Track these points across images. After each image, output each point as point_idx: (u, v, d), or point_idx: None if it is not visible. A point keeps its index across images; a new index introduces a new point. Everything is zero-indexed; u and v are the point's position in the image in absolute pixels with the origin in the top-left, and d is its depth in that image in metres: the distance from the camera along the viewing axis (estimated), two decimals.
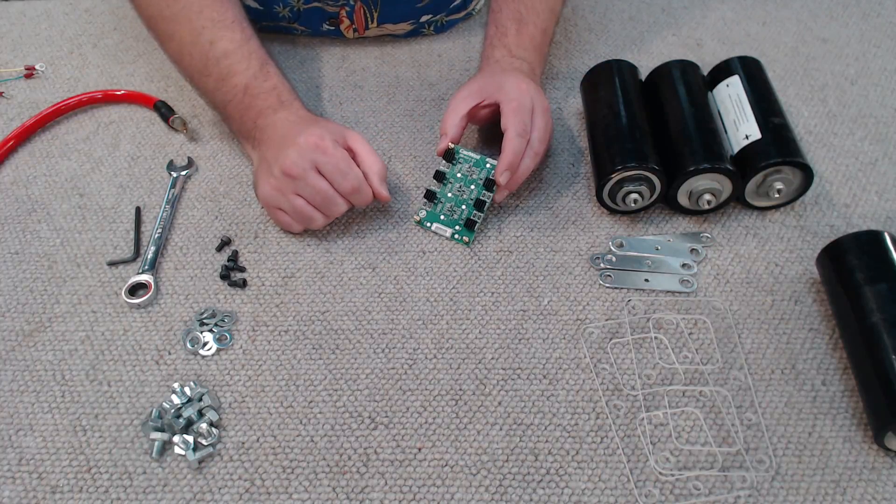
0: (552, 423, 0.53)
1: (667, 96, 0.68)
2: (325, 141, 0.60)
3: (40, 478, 0.51)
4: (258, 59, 0.67)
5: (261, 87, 0.66)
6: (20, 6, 0.89)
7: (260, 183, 0.63)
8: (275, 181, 0.61)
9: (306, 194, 0.60)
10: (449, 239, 0.65)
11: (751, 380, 0.55)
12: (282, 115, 0.65)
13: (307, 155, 0.59)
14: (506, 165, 0.62)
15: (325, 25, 0.81)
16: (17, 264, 0.63)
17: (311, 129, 0.61)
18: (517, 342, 0.58)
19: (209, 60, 0.66)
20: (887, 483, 0.50)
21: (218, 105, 0.68)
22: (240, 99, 0.66)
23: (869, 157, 0.71)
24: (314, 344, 0.58)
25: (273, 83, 0.66)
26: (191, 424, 0.53)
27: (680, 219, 0.66)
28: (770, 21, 0.86)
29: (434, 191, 0.66)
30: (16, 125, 0.74)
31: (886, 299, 0.53)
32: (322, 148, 0.60)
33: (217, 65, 0.66)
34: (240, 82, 0.66)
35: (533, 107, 0.64)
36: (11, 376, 0.56)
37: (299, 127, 0.62)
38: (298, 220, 0.62)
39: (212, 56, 0.66)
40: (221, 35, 0.66)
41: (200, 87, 0.69)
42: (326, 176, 0.60)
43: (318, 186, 0.60)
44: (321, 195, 0.60)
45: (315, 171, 0.60)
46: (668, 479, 0.50)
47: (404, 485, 0.50)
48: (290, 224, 0.63)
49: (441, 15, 0.82)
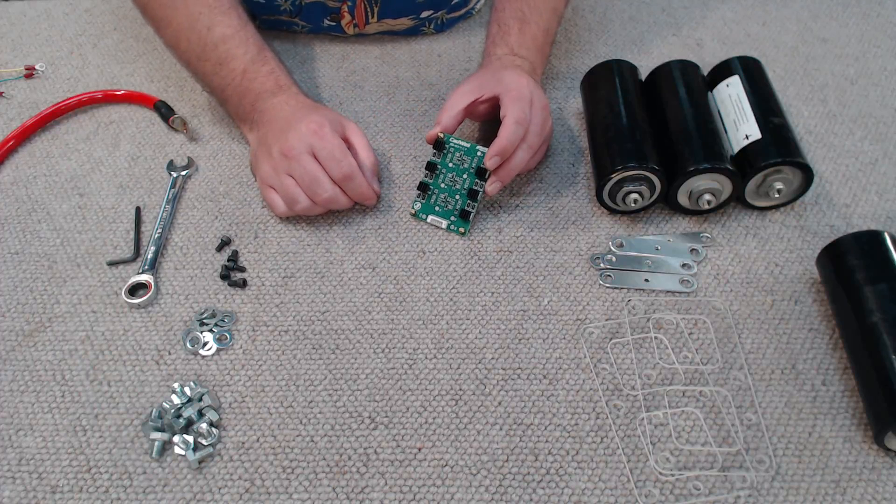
0: (552, 423, 0.53)
1: (667, 96, 0.68)
2: (324, 128, 0.62)
3: (40, 478, 0.51)
4: (255, 44, 0.68)
5: (259, 70, 0.67)
6: (20, 6, 0.89)
7: (259, 163, 0.65)
8: (273, 161, 0.63)
9: (297, 174, 0.62)
10: (445, 230, 0.65)
11: (751, 380, 0.55)
12: (280, 98, 0.66)
13: (305, 139, 0.61)
14: (496, 150, 0.61)
15: (326, 21, 0.81)
16: (17, 264, 0.63)
17: (312, 115, 0.63)
18: (517, 342, 0.58)
19: (207, 45, 0.67)
20: (887, 483, 0.50)
21: (215, 89, 0.69)
22: (238, 82, 0.67)
23: (869, 157, 0.71)
24: (314, 344, 0.58)
25: (271, 67, 0.68)
26: (191, 424, 0.53)
27: (680, 219, 0.66)
28: (770, 21, 0.86)
29: (427, 182, 0.66)
30: (16, 125, 0.74)
31: (886, 299, 0.53)
32: (320, 134, 0.62)
33: (215, 49, 0.67)
34: (238, 66, 0.67)
35: (532, 101, 0.64)
36: (11, 376, 0.56)
37: (301, 113, 0.64)
38: (285, 200, 0.63)
39: (209, 41, 0.67)
40: (219, 20, 0.67)
41: (198, 71, 0.70)
42: (321, 161, 0.62)
43: (308, 168, 0.61)
44: (309, 176, 0.61)
45: (310, 154, 0.61)
46: (668, 479, 0.50)
47: (404, 485, 0.50)
48: (275, 202, 0.64)
49: (442, 12, 0.82)
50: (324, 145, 0.61)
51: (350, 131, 0.65)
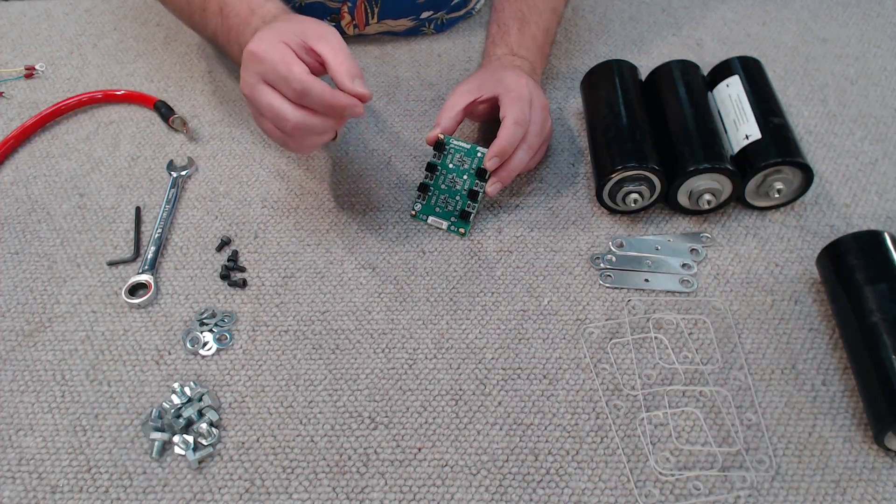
0: (552, 423, 0.53)
1: (667, 96, 0.68)
2: (261, 45, 0.53)
3: (40, 478, 0.51)
4: None
5: (233, 2, 0.62)
6: (20, 6, 0.89)
7: None
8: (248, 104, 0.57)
9: (265, 114, 0.55)
10: (446, 231, 0.65)
11: (751, 380, 0.55)
12: (253, 26, 0.59)
13: (249, 68, 0.54)
14: (496, 151, 0.61)
15: (325, 21, 0.81)
16: (17, 264, 0.63)
17: (257, 35, 0.55)
18: (517, 342, 0.58)
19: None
20: (887, 483, 0.50)
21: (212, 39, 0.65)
22: (220, 24, 0.63)
23: (869, 157, 0.71)
24: (314, 344, 0.58)
25: None
26: (191, 424, 0.53)
27: (680, 219, 0.66)
28: (770, 21, 0.86)
29: (427, 183, 0.66)
30: (16, 125, 0.74)
31: (886, 299, 0.53)
32: (258, 56, 0.53)
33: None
34: (215, 6, 0.63)
35: (532, 101, 0.64)
36: (11, 376, 0.56)
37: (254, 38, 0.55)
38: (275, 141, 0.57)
39: None
40: None
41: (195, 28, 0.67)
42: (272, 85, 0.53)
43: (263, 102, 0.54)
44: (268, 109, 0.54)
45: (262, 83, 0.54)
46: (668, 479, 0.50)
47: (404, 485, 0.50)
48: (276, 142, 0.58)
49: (442, 13, 0.82)
50: (265, 67, 0.53)
51: (312, 38, 0.54)
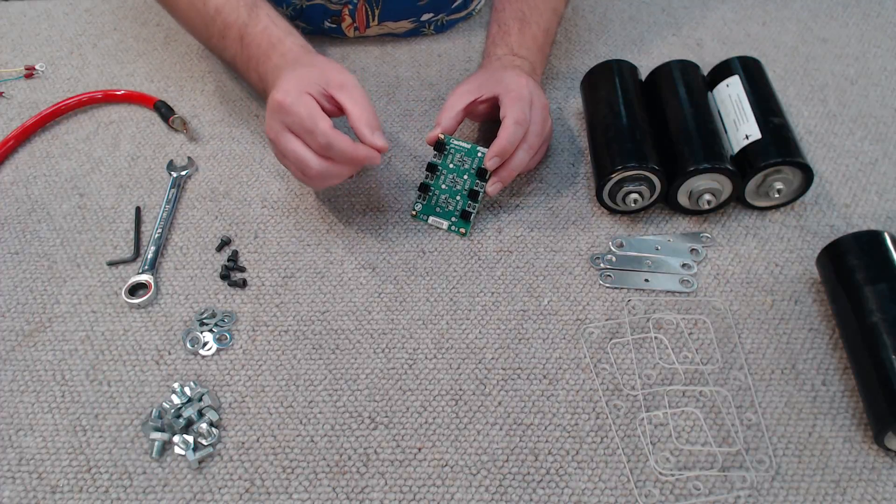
0: (552, 423, 0.53)
1: (667, 96, 0.68)
2: (287, 98, 0.56)
3: (40, 478, 0.51)
4: (246, 5, 0.65)
5: (253, 33, 0.64)
6: (20, 6, 0.89)
7: None
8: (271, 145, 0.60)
9: (289, 159, 0.58)
10: (446, 231, 0.65)
11: (751, 380, 0.55)
12: (273, 61, 0.62)
13: (275, 117, 0.57)
14: (496, 151, 0.61)
15: (326, 23, 0.81)
16: (17, 264, 0.63)
17: (281, 83, 0.58)
18: (517, 342, 0.58)
19: (207, 20, 0.66)
20: (887, 483, 0.50)
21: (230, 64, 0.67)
22: (240, 51, 0.65)
23: (869, 157, 0.71)
24: (314, 344, 0.58)
25: (263, 24, 0.64)
26: (191, 424, 0.53)
27: (680, 219, 0.66)
28: (770, 21, 0.86)
29: (427, 183, 0.66)
30: (16, 125, 0.74)
31: (886, 299, 0.53)
32: (285, 107, 0.56)
33: (214, 23, 0.65)
34: (235, 34, 0.65)
35: (532, 101, 0.64)
36: (11, 376, 0.56)
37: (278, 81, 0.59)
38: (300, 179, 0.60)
39: (207, 15, 0.66)
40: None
41: (213, 51, 0.68)
42: (297, 135, 0.57)
43: (288, 149, 0.57)
44: (293, 157, 0.57)
45: (287, 132, 0.57)
46: (668, 479, 0.50)
47: (404, 485, 0.50)
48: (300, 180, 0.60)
49: (442, 14, 0.82)
50: (291, 119, 0.56)
51: (334, 87, 0.57)
